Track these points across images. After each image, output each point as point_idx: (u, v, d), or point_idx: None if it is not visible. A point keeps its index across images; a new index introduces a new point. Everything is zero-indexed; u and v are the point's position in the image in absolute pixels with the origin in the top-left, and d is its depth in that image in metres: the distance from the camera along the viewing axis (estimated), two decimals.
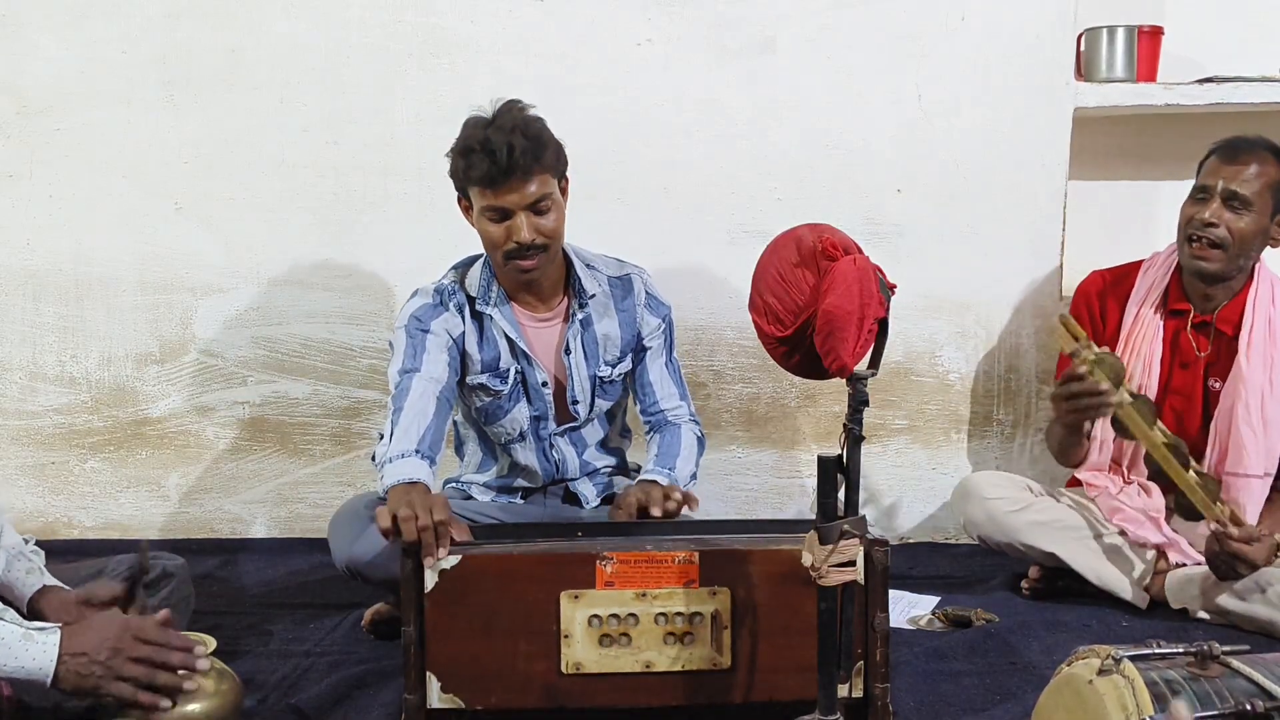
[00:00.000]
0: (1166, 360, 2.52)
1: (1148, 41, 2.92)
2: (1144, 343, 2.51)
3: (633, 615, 1.79)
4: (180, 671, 1.66)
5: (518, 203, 2.12)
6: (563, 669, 1.79)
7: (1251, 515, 2.38)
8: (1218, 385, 2.48)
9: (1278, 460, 2.45)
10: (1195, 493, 2.27)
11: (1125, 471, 2.56)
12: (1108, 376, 2.22)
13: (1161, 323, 2.52)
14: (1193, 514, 2.32)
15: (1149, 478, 2.47)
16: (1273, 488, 2.45)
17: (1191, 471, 2.27)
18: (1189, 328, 2.51)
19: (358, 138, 2.96)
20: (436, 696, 1.78)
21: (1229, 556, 2.28)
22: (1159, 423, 2.28)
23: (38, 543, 1.98)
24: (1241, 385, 2.42)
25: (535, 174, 2.11)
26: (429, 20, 2.92)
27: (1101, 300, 2.62)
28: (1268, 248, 2.47)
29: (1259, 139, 2.45)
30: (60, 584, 1.89)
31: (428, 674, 1.78)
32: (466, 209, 2.24)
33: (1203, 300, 2.50)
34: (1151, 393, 2.49)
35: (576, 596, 1.78)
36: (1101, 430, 2.53)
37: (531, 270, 2.18)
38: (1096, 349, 2.25)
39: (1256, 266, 2.49)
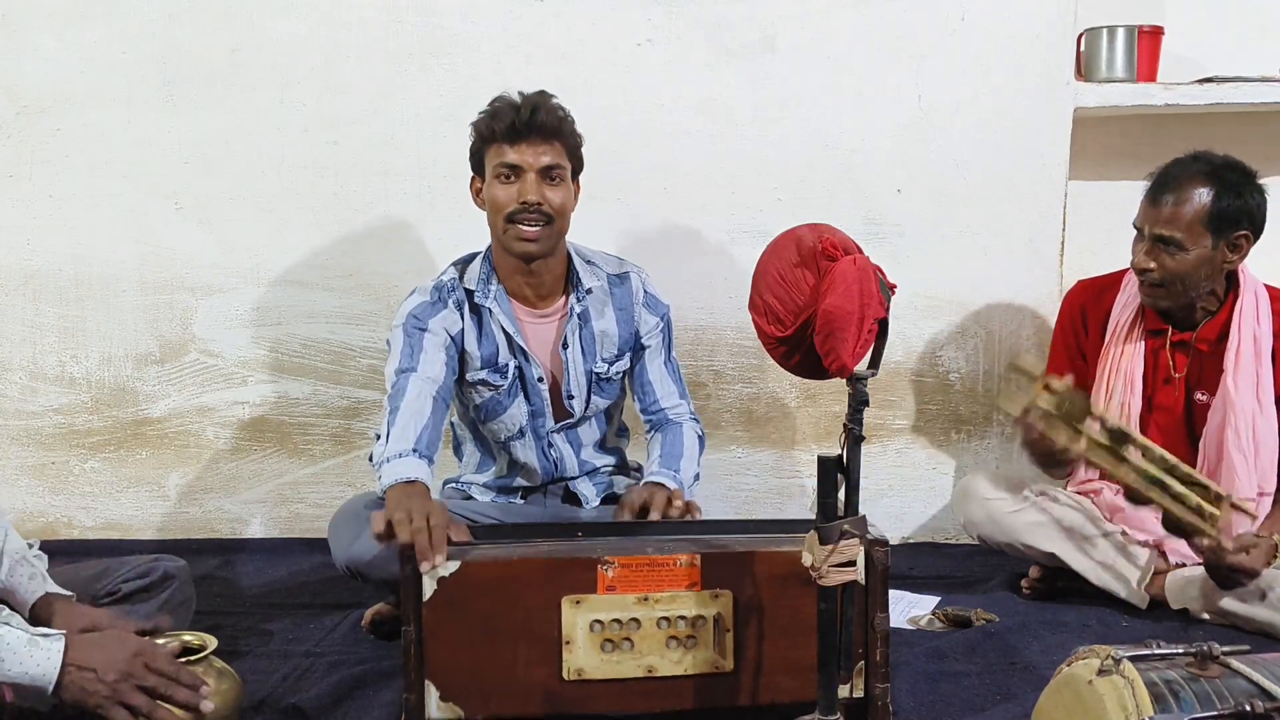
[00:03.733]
0: (1149, 378, 2.51)
1: (1148, 41, 2.92)
2: (1125, 361, 2.51)
3: (635, 619, 1.78)
4: (184, 709, 1.65)
5: (532, 163, 2.15)
6: (564, 675, 1.78)
7: (1244, 525, 2.35)
8: (1204, 398, 2.46)
9: (1275, 477, 2.43)
10: (1182, 517, 2.19)
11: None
12: (1065, 423, 2.04)
13: (1142, 342, 2.52)
14: (1183, 532, 2.22)
15: (1132, 502, 2.39)
16: (1277, 495, 2.45)
17: (1177, 484, 2.15)
18: (1167, 346, 2.50)
19: (358, 138, 2.96)
20: (435, 706, 1.76)
21: (1227, 569, 2.26)
22: (1136, 437, 2.12)
23: (40, 545, 1.98)
24: (1230, 409, 2.40)
25: (554, 141, 2.17)
26: (429, 20, 2.92)
27: (1084, 311, 2.62)
28: (1239, 263, 2.42)
29: (1193, 161, 2.40)
30: (63, 591, 1.89)
31: (426, 683, 1.76)
32: (478, 190, 2.25)
33: (1180, 323, 2.50)
34: (1136, 410, 2.48)
35: (578, 602, 1.77)
36: None
37: (531, 241, 2.18)
38: (1055, 384, 2.01)
39: (1240, 280, 2.46)
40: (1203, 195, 2.35)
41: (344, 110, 2.95)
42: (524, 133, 2.14)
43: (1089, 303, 2.62)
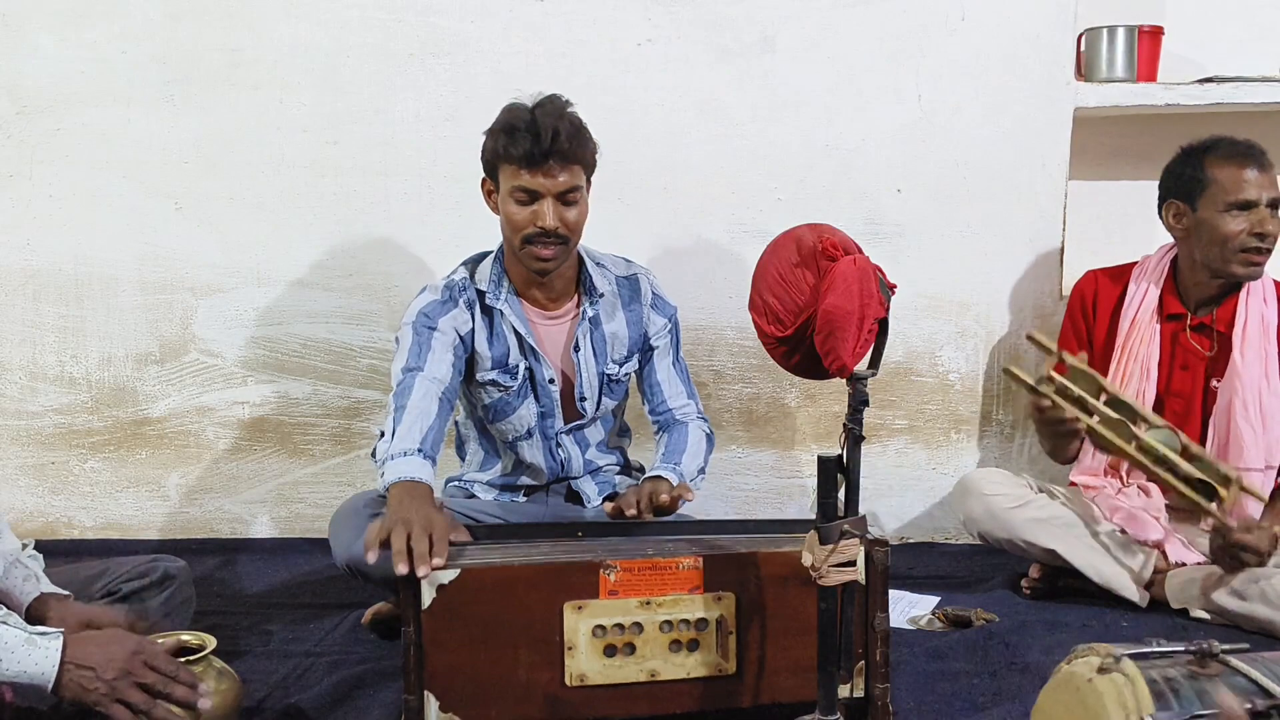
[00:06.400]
0: (1165, 364, 2.53)
1: (1148, 41, 2.92)
2: (1141, 347, 2.52)
3: (637, 624, 1.77)
4: (182, 707, 1.65)
5: (549, 188, 2.13)
6: (566, 681, 1.76)
7: (1253, 508, 2.38)
8: (1219, 384, 2.49)
9: None
10: (1185, 496, 2.22)
11: (1124, 476, 2.56)
12: (1075, 398, 2.11)
13: (1158, 328, 2.54)
14: (1189, 511, 2.31)
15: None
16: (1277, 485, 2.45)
17: (1185, 463, 2.20)
18: (1187, 330, 2.52)
19: (358, 138, 2.96)
20: (435, 716, 1.74)
21: (1233, 548, 2.27)
22: (1146, 415, 2.20)
23: (37, 545, 1.98)
24: (1238, 382, 2.44)
25: (572, 163, 2.14)
26: (429, 20, 2.92)
27: (1095, 300, 2.65)
28: None
29: (1251, 142, 2.48)
30: (59, 590, 1.88)
31: (425, 693, 1.73)
32: (489, 192, 2.24)
33: (1200, 303, 2.52)
34: (1151, 396, 2.50)
35: (580, 607, 1.76)
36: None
37: (547, 260, 2.18)
38: (1069, 360, 2.09)
39: None
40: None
41: (344, 110, 2.95)
42: (542, 160, 2.11)
43: (1099, 291, 2.65)
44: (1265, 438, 2.43)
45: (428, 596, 1.72)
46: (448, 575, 1.73)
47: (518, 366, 2.27)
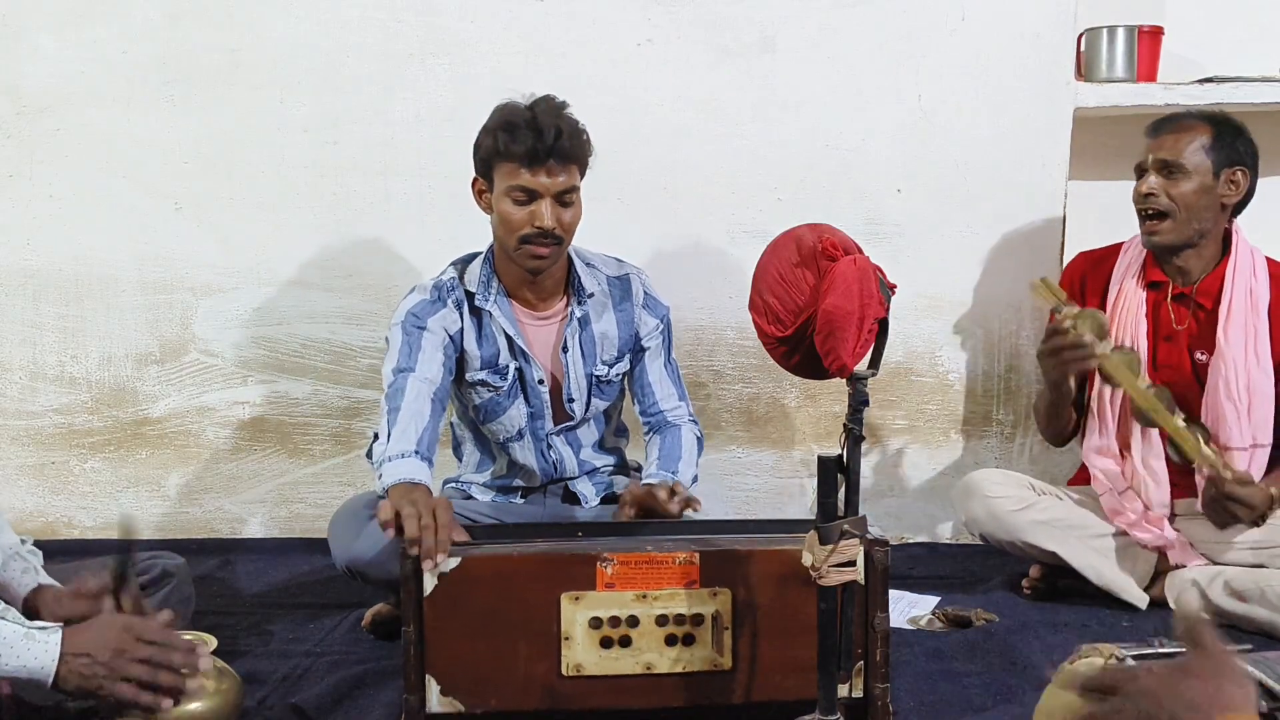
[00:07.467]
0: (1151, 334, 2.52)
1: (1148, 41, 2.92)
2: (1128, 315, 2.52)
3: (633, 617, 1.78)
4: (183, 671, 1.65)
5: (549, 187, 2.12)
6: (563, 671, 1.78)
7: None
8: (1203, 358, 2.48)
9: (1270, 430, 2.43)
10: (1185, 440, 2.28)
11: (1137, 461, 2.54)
12: (1090, 330, 2.27)
13: (1143, 295, 2.53)
14: (1185, 459, 2.33)
15: (1140, 422, 2.45)
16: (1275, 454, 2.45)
17: (1179, 419, 2.29)
18: (1168, 299, 2.52)
19: (358, 138, 2.96)
20: (436, 700, 1.77)
21: (1225, 500, 2.27)
22: (1144, 376, 2.29)
23: (36, 543, 1.98)
24: (1221, 360, 2.43)
25: (570, 163, 2.14)
26: (429, 20, 2.92)
27: (1084, 280, 2.65)
28: (1229, 208, 2.47)
29: (1188, 111, 2.52)
30: (55, 583, 1.89)
31: (427, 677, 1.77)
32: (481, 191, 2.23)
33: (1178, 274, 2.51)
34: (1143, 367, 2.49)
35: (577, 598, 1.78)
36: (1096, 404, 2.53)
37: (542, 259, 2.17)
38: (1078, 308, 2.29)
39: (1233, 238, 2.49)
40: (1202, 128, 2.45)
41: (344, 110, 2.95)
42: (543, 159, 2.10)
43: (1089, 271, 2.65)
44: (1250, 415, 2.41)
45: (429, 584, 1.76)
46: (449, 564, 1.76)
47: (508, 367, 2.27)
